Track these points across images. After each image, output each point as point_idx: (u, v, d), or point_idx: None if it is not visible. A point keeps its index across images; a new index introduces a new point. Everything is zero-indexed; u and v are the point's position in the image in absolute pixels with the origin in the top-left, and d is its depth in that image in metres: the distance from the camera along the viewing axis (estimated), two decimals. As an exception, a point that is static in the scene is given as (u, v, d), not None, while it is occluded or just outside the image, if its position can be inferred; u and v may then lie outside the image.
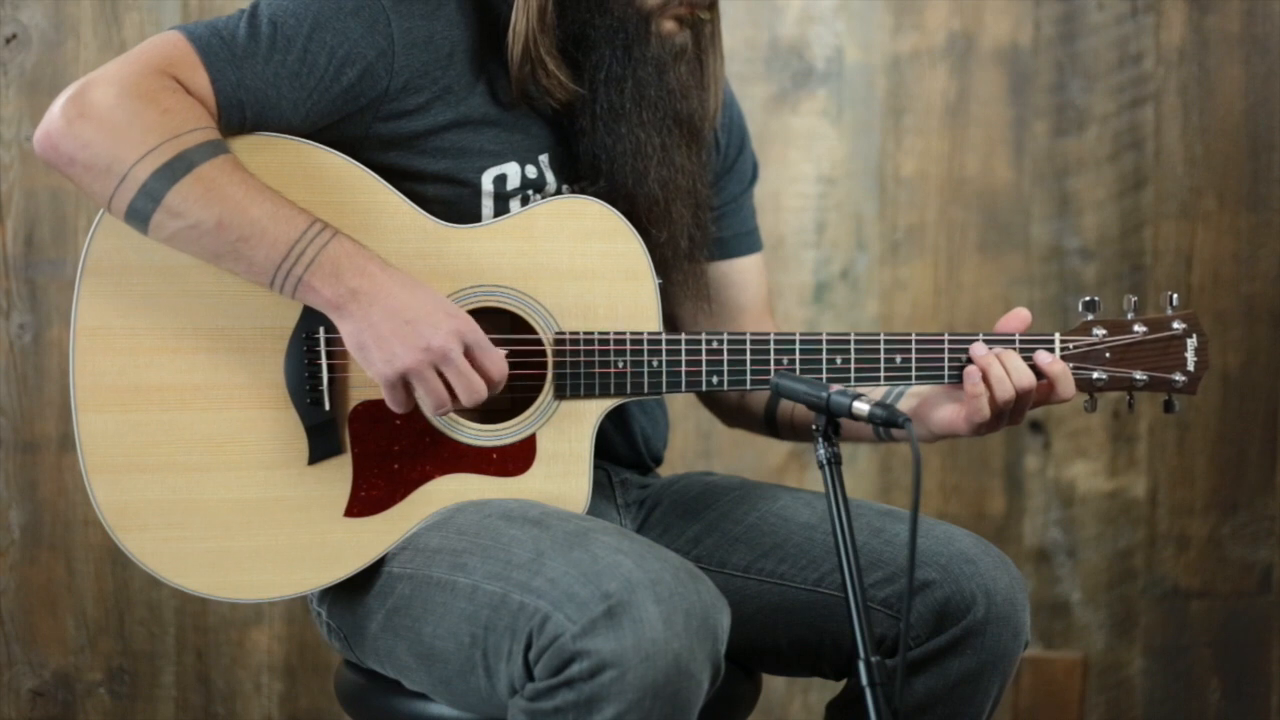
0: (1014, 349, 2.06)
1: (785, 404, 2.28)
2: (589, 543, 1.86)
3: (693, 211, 2.13)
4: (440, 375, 1.94)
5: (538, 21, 2.03)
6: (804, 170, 3.22)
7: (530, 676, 1.84)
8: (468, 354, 1.94)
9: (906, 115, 3.21)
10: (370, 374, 1.95)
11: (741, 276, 2.31)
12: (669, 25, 2.09)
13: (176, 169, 1.90)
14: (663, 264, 2.10)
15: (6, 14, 3.09)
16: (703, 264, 2.19)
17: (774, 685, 3.21)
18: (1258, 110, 3.21)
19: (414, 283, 1.94)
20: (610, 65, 2.06)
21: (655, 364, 2.04)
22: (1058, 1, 3.20)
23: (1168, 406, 2.12)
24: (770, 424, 2.31)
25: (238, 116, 1.96)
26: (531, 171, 2.08)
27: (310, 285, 1.92)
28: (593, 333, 2.03)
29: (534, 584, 1.84)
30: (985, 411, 2.05)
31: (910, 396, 2.16)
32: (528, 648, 1.83)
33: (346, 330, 1.93)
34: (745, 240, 2.31)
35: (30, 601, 3.15)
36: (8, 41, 3.09)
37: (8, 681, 3.16)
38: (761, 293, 2.33)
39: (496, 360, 1.96)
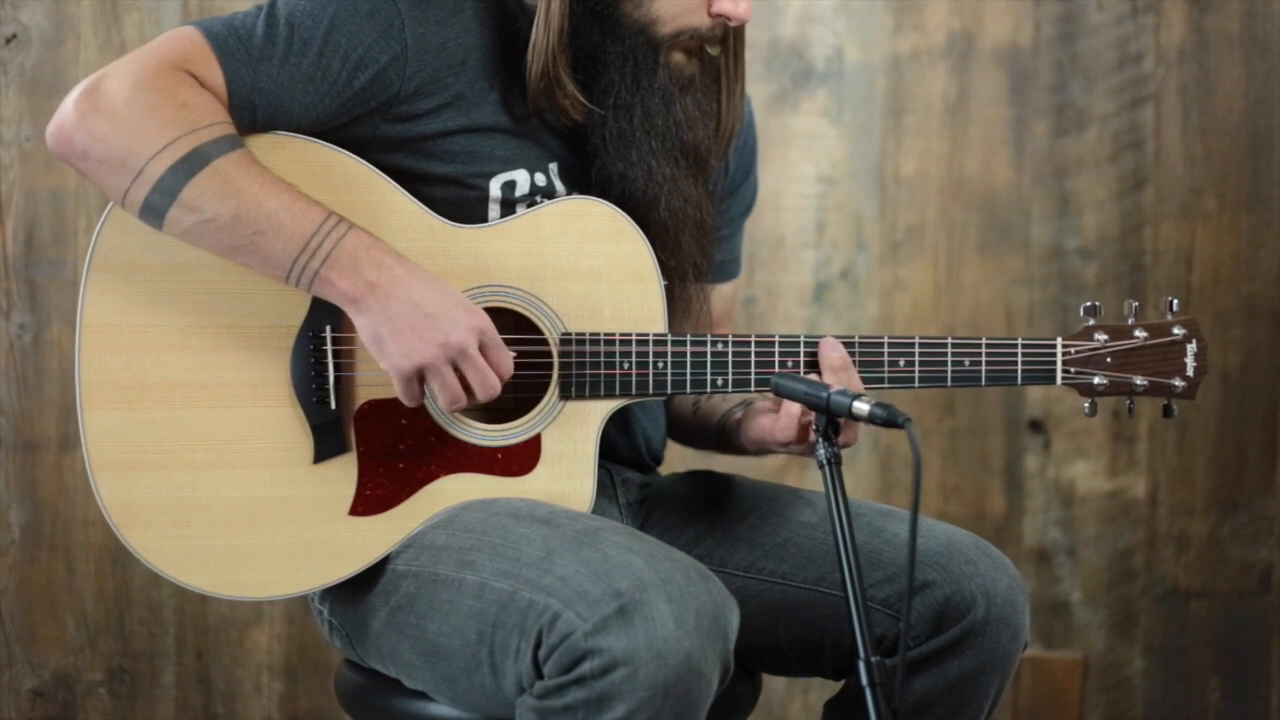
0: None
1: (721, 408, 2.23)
2: (599, 541, 1.86)
3: (699, 240, 2.13)
4: (456, 370, 1.94)
5: (557, 39, 2.03)
6: (804, 170, 3.22)
7: (539, 674, 1.83)
8: (482, 350, 1.94)
9: (906, 115, 3.21)
10: (384, 367, 1.94)
11: (717, 303, 2.29)
12: (678, 57, 2.08)
13: (193, 164, 1.89)
14: (666, 289, 2.10)
15: (6, 14, 3.08)
16: (704, 289, 2.20)
17: (774, 685, 3.21)
18: (1258, 110, 3.21)
19: (430, 277, 1.94)
20: (619, 91, 2.05)
21: (661, 365, 2.04)
22: (1058, 1, 3.20)
23: (1166, 411, 2.12)
24: (721, 434, 2.23)
25: (249, 117, 1.95)
26: (541, 179, 2.08)
27: (327, 279, 1.92)
28: (599, 334, 2.03)
29: (544, 582, 1.84)
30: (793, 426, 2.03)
31: (740, 404, 2.15)
32: (537, 645, 1.83)
33: (362, 323, 1.93)
34: (727, 268, 2.30)
35: (30, 601, 3.14)
36: (8, 41, 3.08)
37: (8, 681, 3.16)
38: (728, 316, 2.33)
39: (505, 360, 1.96)
